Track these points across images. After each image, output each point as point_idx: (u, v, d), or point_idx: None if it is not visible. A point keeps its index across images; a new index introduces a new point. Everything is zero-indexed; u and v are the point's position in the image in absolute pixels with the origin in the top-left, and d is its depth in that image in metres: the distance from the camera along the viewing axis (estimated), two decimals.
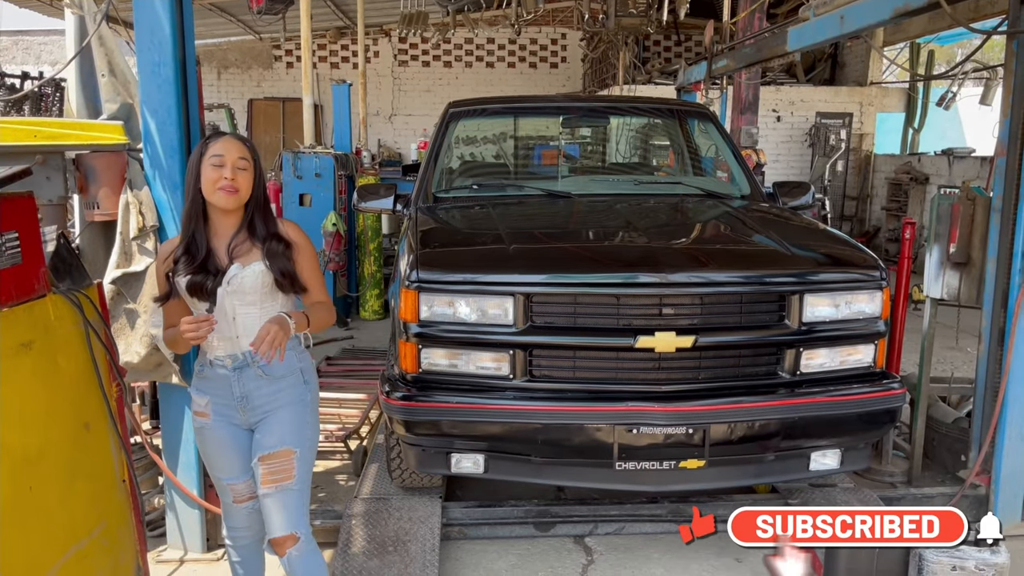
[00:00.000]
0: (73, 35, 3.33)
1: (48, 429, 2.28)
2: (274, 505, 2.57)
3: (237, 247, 2.53)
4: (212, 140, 2.51)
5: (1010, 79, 3.59)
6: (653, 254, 3.24)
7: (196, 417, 2.65)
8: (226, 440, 2.63)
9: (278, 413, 2.59)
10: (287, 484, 2.57)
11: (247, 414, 2.60)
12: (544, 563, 3.50)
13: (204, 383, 2.62)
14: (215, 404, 2.60)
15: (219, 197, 2.46)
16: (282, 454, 2.57)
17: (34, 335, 2.24)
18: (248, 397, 2.57)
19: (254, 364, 2.56)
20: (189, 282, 2.48)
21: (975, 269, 3.87)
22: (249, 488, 2.69)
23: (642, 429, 3.00)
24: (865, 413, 3.20)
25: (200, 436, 2.68)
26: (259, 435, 2.60)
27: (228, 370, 2.57)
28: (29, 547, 2.15)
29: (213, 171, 2.45)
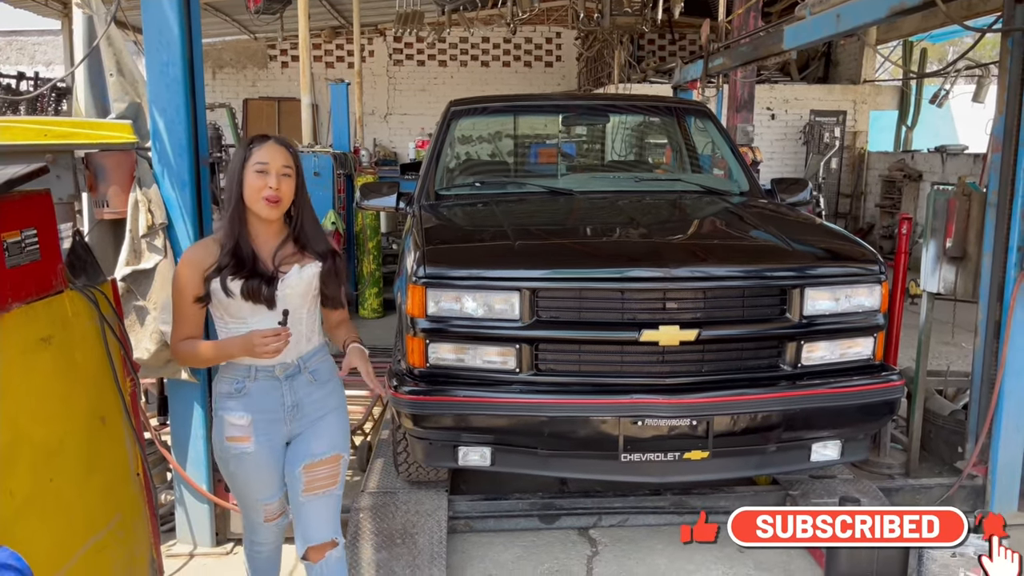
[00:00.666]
0: (82, 35, 3.36)
1: (66, 422, 2.32)
2: (317, 511, 2.53)
3: (285, 256, 2.45)
4: (256, 145, 2.42)
5: (1004, 76, 3.66)
6: (656, 249, 3.29)
7: (231, 443, 2.47)
8: (266, 462, 2.51)
9: (326, 418, 2.55)
10: (332, 490, 2.55)
11: (294, 424, 2.51)
12: (549, 555, 3.54)
13: (245, 400, 2.47)
14: (259, 421, 2.47)
15: (262, 207, 2.38)
16: (331, 460, 2.54)
17: (53, 330, 2.28)
18: (300, 405, 2.50)
19: (305, 370, 2.51)
20: (245, 287, 2.36)
21: (971, 263, 3.94)
22: (281, 505, 2.64)
23: (647, 421, 3.05)
24: (865, 404, 3.25)
25: (235, 463, 2.51)
26: (304, 442, 2.52)
27: (278, 380, 2.47)
28: (50, 537, 2.19)
29: (257, 179, 2.37)
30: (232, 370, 2.48)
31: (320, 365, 2.55)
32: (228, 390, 2.48)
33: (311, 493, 2.51)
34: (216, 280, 2.37)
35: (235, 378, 2.47)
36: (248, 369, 2.46)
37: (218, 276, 2.37)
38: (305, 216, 2.49)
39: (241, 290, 2.36)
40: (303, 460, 2.50)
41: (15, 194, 2.18)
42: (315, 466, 2.50)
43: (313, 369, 2.53)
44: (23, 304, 2.15)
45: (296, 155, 2.47)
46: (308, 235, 2.48)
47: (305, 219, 2.49)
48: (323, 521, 2.55)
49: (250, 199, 2.38)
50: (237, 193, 2.40)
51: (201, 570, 3.44)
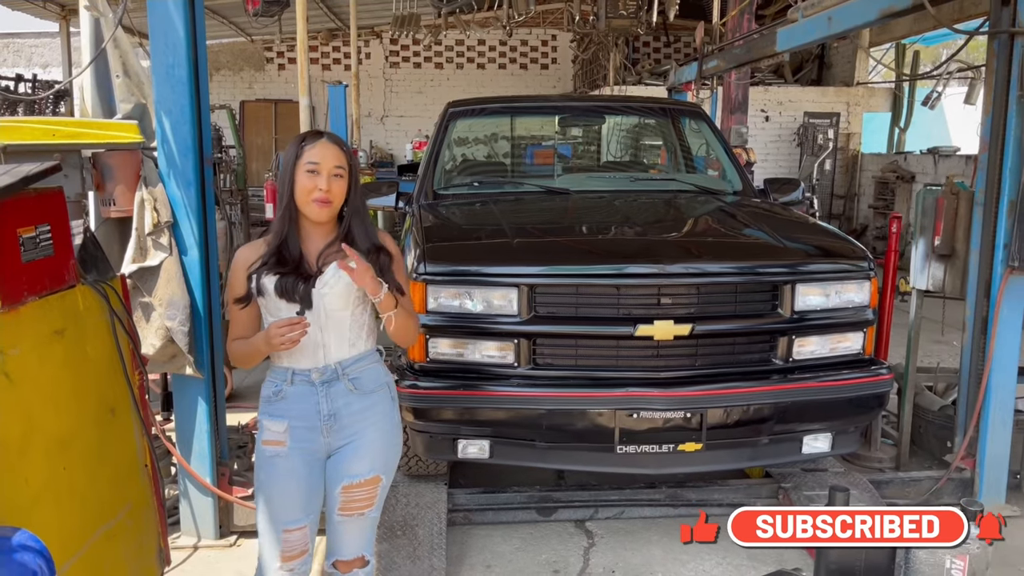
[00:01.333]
0: (89, 37, 3.44)
1: (78, 413, 2.39)
2: (350, 531, 2.45)
3: (330, 255, 2.35)
4: (308, 144, 2.31)
5: (991, 78, 3.74)
6: (651, 246, 3.38)
7: (267, 446, 2.38)
8: (298, 472, 2.37)
9: (367, 435, 2.40)
10: (369, 512, 2.44)
11: (332, 436, 2.38)
12: (547, 546, 3.62)
13: (282, 405, 2.37)
14: (295, 429, 2.36)
15: (312, 209, 2.29)
16: (371, 482, 2.40)
17: (65, 323, 2.35)
18: (337, 415, 2.37)
19: (344, 376, 2.38)
20: (280, 284, 2.29)
21: (959, 261, 4.02)
22: (304, 539, 2.42)
23: (642, 414, 3.13)
24: (855, 397, 3.34)
25: (269, 467, 2.38)
26: (344, 460, 2.39)
27: (315, 385, 2.36)
28: (64, 524, 2.25)
29: (308, 179, 2.28)
30: (274, 373, 2.41)
31: (363, 374, 2.41)
32: (268, 394, 2.42)
33: (347, 514, 2.42)
34: (255, 276, 2.33)
35: (275, 381, 2.40)
36: (286, 372, 2.38)
37: (257, 273, 2.33)
38: (355, 218, 2.38)
39: (275, 287, 2.29)
40: (342, 481, 2.39)
41: (30, 191, 2.24)
42: (352, 488, 2.39)
43: (354, 377, 2.39)
44: (38, 298, 2.22)
45: (350, 154, 2.39)
46: (355, 235, 2.37)
47: (355, 221, 2.38)
48: (355, 541, 2.47)
49: (301, 199, 2.30)
50: (288, 192, 2.31)
51: (205, 562, 3.51)
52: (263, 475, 2.40)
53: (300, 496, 2.38)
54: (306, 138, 2.34)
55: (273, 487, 2.38)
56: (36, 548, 1.85)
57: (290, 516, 2.38)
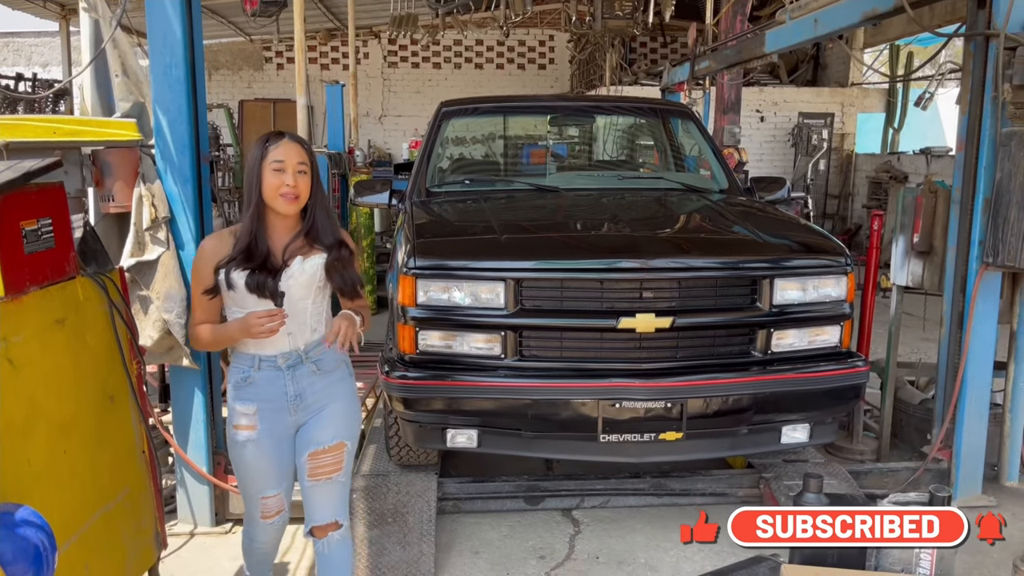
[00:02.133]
0: (88, 38, 3.53)
1: (78, 399, 2.49)
2: (321, 495, 2.63)
3: (295, 249, 2.52)
4: (272, 144, 2.48)
5: (967, 79, 3.84)
6: (635, 242, 3.48)
7: (239, 431, 2.56)
8: (270, 451, 2.59)
9: (331, 407, 2.61)
10: (337, 476, 2.63)
11: (299, 413, 2.58)
12: (534, 533, 3.72)
13: (250, 389, 2.55)
14: (264, 411, 2.55)
15: (280, 204, 2.45)
16: (336, 448, 2.61)
17: (66, 313, 2.45)
18: (303, 395, 2.57)
19: (308, 360, 2.56)
20: (250, 280, 2.44)
21: (937, 257, 4.12)
22: (279, 502, 2.69)
23: (624, 404, 3.22)
24: (832, 389, 3.44)
25: (242, 451, 2.58)
26: (310, 430, 2.59)
27: (281, 369, 2.54)
28: (65, 504, 2.35)
29: (274, 176, 2.44)
30: (240, 360, 2.58)
31: (324, 356, 2.59)
32: (236, 379, 2.57)
33: (315, 479, 2.60)
34: (224, 270, 2.46)
35: (242, 368, 2.57)
36: (252, 359, 2.54)
37: (226, 266, 2.46)
38: (318, 211, 2.55)
39: (246, 282, 2.44)
40: (308, 448, 2.58)
41: (32, 186, 2.35)
42: (319, 454, 2.58)
43: (317, 359, 2.58)
44: (39, 288, 2.33)
45: (311, 152, 2.56)
46: (319, 229, 2.54)
47: (318, 214, 2.55)
48: (327, 504, 2.64)
49: (268, 196, 2.46)
50: (257, 190, 2.46)
51: (201, 548, 3.61)
52: (236, 456, 2.63)
53: (272, 471, 2.63)
54: (270, 138, 2.51)
55: (246, 466, 2.62)
56: (38, 524, 1.95)
57: (265, 487, 2.65)
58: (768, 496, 3.87)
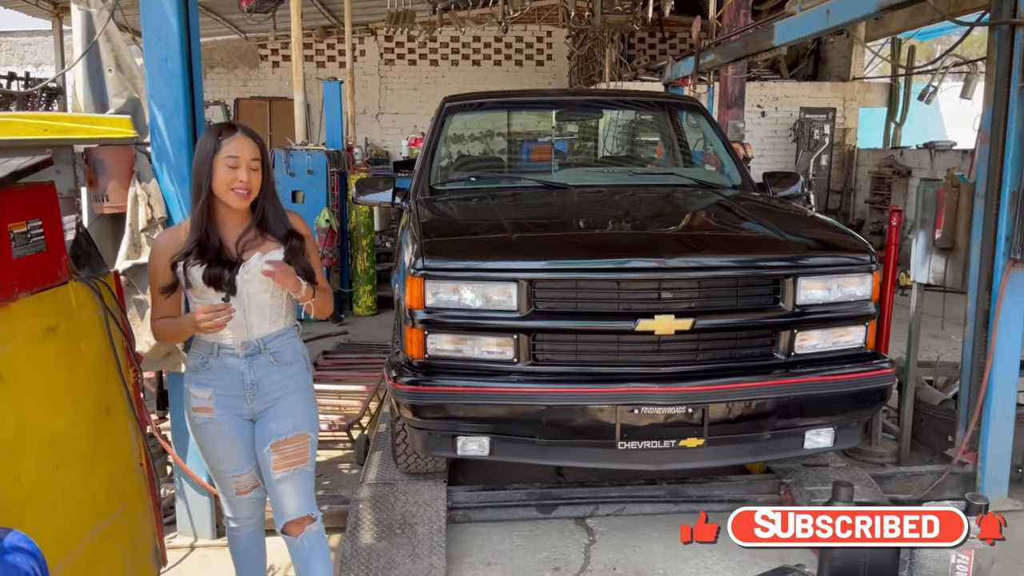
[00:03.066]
0: (80, 32, 3.39)
1: (72, 411, 2.36)
2: (290, 488, 2.61)
3: (248, 241, 2.53)
4: (224, 138, 2.47)
5: (992, 69, 3.72)
6: (652, 240, 3.35)
7: (197, 413, 2.60)
8: (230, 433, 2.60)
9: (288, 399, 2.61)
10: (303, 467, 2.63)
11: (255, 403, 2.59)
12: (547, 543, 3.59)
13: (208, 375, 2.58)
14: (220, 396, 2.57)
15: (231, 198, 2.47)
16: (298, 439, 2.61)
17: (58, 320, 2.32)
18: (259, 384, 2.58)
19: (266, 351, 2.58)
20: (207, 273, 2.45)
21: (960, 254, 4.00)
22: (253, 478, 2.70)
23: (643, 409, 3.09)
24: (857, 392, 3.30)
25: (201, 432, 2.63)
26: (269, 422, 2.59)
27: (239, 358, 2.56)
28: (58, 524, 2.22)
29: (227, 172, 2.44)
30: (199, 346, 2.60)
31: (283, 347, 2.62)
32: (194, 364, 2.61)
33: (282, 471, 2.59)
34: (180, 265, 2.47)
35: (200, 354, 2.59)
36: (211, 346, 2.57)
37: (183, 262, 2.47)
38: (268, 204, 2.57)
39: (203, 276, 2.45)
40: (270, 439, 2.58)
41: (20, 186, 2.21)
42: (282, 444, 2.58)
43: (275, 351, 2.60)
44: (29, 294, 2.19)
45: (263, 146, 2.56)
46: (269, 221, 2.56)
47: (268, 206, 2.57)
48: (297, 497, 2.63)
49: (220, 190, 2.46)
50: (207, 184, 2.46)
51: (202, 561, 3.47)
52: (198, 438, 2.66)
53: (237, 451, 2.63)
54: (222, 132, 2.49)
55: (211, 448, 2.65)
56: (28, 550, 1.80)
57: (233, 466, 2.66)
58: (789, 502, 3.74)
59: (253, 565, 2.89)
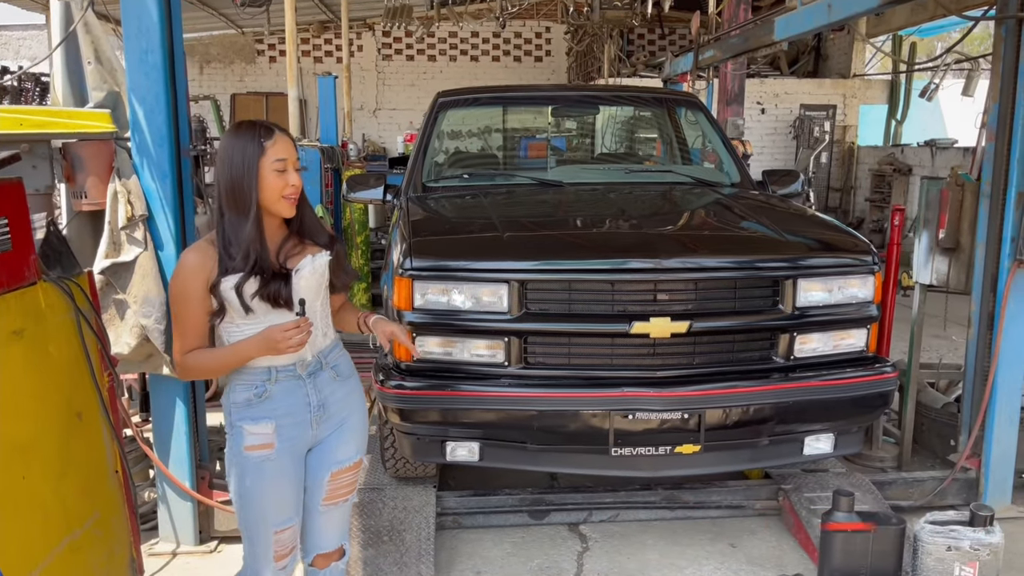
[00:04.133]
0: (59, 23, 3.28)
1: (40, 418, 2.25)
2: (334, 520, 2.44)
3: (289, 250, 2.29)
4: (267, 139, 2.18)
5: (998, 65, 3.62)
6: (647, 240, 3.25)
7: (252, 452, 2.25)
8: (288, 472, 2.30)
9: (351, 420, 2.41)
10: (351, 498, 2.47)
11: (321, 427, 2.34)
12: (539, 550, 3.49)
13: (267, 405, 2.26)
14: (283, 427, 2.27)
15: (283, 206, 2.21)
16: (356, 466, 2.43)
17: (25, 323, 2.21)
18: (325, 405, 2.33)
19: (327, 365, 2.35)
20: (265, 291, 2.17)
21: (964, 254, 3.90)
22: (294, 537, 2.39)
23: (637, 415, 2.99)
24: (858, 397, 3.21)
25: (256, 473, 2.26)
26: (333, 448, 2.37)
27: (301, 379, 2.29)
28: (22, 537, 2.12)
29: (277, 178, 2.17)
30: (248, 375, 2.26)
31: (340, 360, 2.41)
32: (247, 397, 2.26)
33: (332, 502, 2.40)
34: (225, 285, 2.17)
35: (253, 383, 2.26)
36: (267, 371, 2.26)
37: (226, 281, 2.17)
38: (306, 209, 2.34)
39: (260, 296, 2.18)
40: (332, 467, 2.36)
41: None
42: (341, 473, 2.39)
43: (335, 364, 2.38)
44: None
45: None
46: (308, 227, 2.33)
47: (306, 212, 2.34)
48: (337, 529, 2.47)
49: (270, 199, 2.19)
50: (255, 194, 2.17)
51: (184, 569, 3.38)
52: (250, 482, 2.27)
53: (292, 496, 2.33)
54: (260, 132, 2.19)
55: (264, 492, 2.28)
56: None
57: (282, 517, 2.32)
58: (788, 510, 3.65)
59: None
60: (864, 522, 2.98)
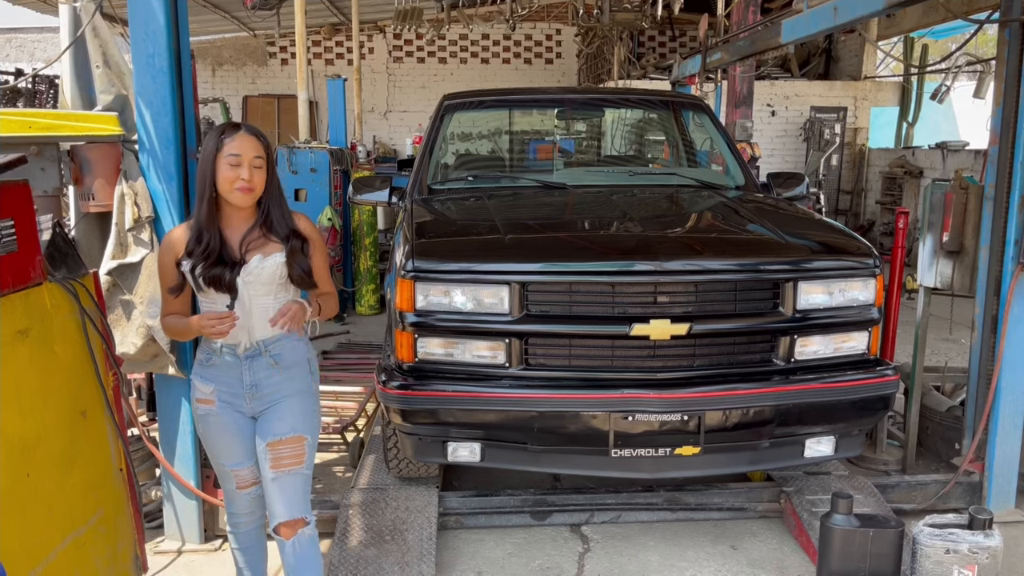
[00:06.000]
0: (67, 27, 3.32)
1: (45, 416, 2.29)
2: (283, 489, 2.60)
3: (252, 241, 2.54)
4: (228, 136, 2.48)
5: (1002, 68, 3.61)
6: (648, 242, 3.26)
7: (199, 404, 2.64)
8: (230, 426, 2.63)
9: (287, 401, 2.62)
10: (298, 468, 2.62)
11: (254, 403, 2.61)
12: (541, 551, 3.51)
13: (210, 371, 2.61)
14: (221, 392, 2.60)
15: (236, 196, 2.48)
16: (294, 440, 2.60)
17: (31, 323, 2.25)
18: (258, 386, 2.60)
19: (266, 353, 2.59)
20: (208, 275, 2.47)
21: (968, 257, 3.89)
22: (253, 474, 2.70)
23: (637, 416, 3.01)
24: (859, 399, 3.21)
25: (203, 423, 2.66)
26: (268, 421, 2.61)
27: (239, 359, 2.58)
28: (27, 534, 2.15)
29: (230, 171, 2.46)
30: (207, 343, 2.62)
31: (283, 350, 2.62)
32: (201, 358, 2.65)
33: (278, 470, 2.58)
34: (185, 265, 2.50)
35: (206, 350, 2.63)
36: (210, 344, 2.60)
37: (185, 261, 2.50)
38: (273, 203, 2.57)
39: (204, 277, 2.47)
40: (267, 438, 2.59)
41: None
42: (278, 444, 2.58)
43: (276, 353, 2.60)
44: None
45: (267, 144, 2.56)
46: (274, 221, 2.57)
47: (272, 207, 2.57)
48: (292, 498, 2.60)
49: (224, 189, 2.48)
50: (211, 182, 2.48)
51: (189, 567, 3.41)
52: (201, 428, 2.70)
53: (237, 444, 2.65)
54: (225, 130, 2.50)
55: (212, 438, 2.67)
56: None
57: (232, 460, 2.68)
58: (789, 512, 3.65)
59: (253, 564, 2.87)
60: (862, 524, 2.98)
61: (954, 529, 2.88)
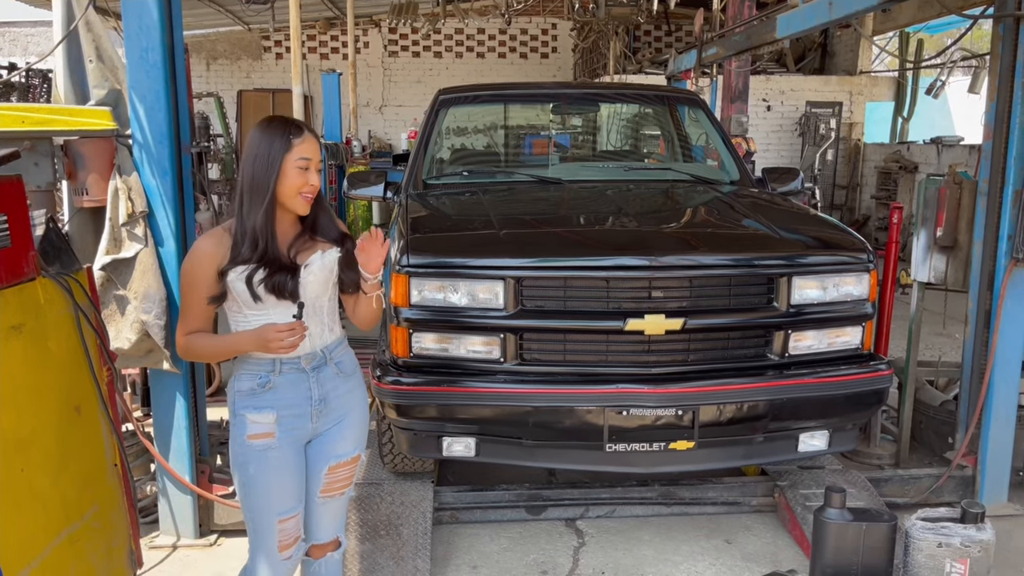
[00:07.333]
0: (60, 21, 3.32)
1: (39, 412, 2.28)
2: (329, 512, 2.50)
3: (301, 246, 2.34)
4: (294, 136, 2.25)
5: (996, 63, 3.62)
6: (643, 238, 3.27)
7: (255, 441, 2.31)
8: (290, 462, 2.36)
9: (351, 416, 2.46)
10: (348, 491, 2.53)
11: (320, 420, 2.39)
12: (536, 546, 3.52)
13: (268, 396, 2.32)
14: (284, 417, 2.32)
15: (299, 203, 2.27)
16: (354, 460, 2.48)
17: (24, 318, 2.24)
18: (327, 399, 2.39)
19: (331, 361, 2.40)
20: (271, 282, 2.24)
21: (962, 252, 3.91)
22: (298, 526, 2.42)
23: (632, 411, 3.02)
24: (853, 394, 3.22)
25: (260, 462, 2.32)
26: (330, 441, 2.42)
27: (305, 372, 2.35)
28: (21, 530, 2.15)
29: (298, 176, 2.24)
30: (254, 365, 2.33)
31: (344, 356, 2.46)
32: (250, 386, 2.32)
33: (328, 495, 2.46)
34: (234, 274, 2.24)
35: (258, 373, 2.32)
36: (272, 363, 2.32)
37: (235, 270, 2.24)
38: (321, 208, 2.39)
39: (265, 285, 2.24)
40: (329, 460, 2.42)
41: None
42: (338, 468, 2.44)
43: (338, 360, 2.43)
44: None
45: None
46: (321, 224, 2.38)
47: (321, 209, 2.38)
48: (333, 521, 2.53)
49: (287, 194, 2.25)
50: (273, 186, 2.23)
51: (184, 562, 3.41)
52: (253, 469, 2.33)
53: (294, 484, 2.37)
54: (290, 130, 2.26)
55: (267, 480, 2.33)
56: None
57: (285, 505, 2.36)
58: (783, 506, 3.67)
59: None
60: (855, 518, 2.99)
61: (947, 523, 2.89)
